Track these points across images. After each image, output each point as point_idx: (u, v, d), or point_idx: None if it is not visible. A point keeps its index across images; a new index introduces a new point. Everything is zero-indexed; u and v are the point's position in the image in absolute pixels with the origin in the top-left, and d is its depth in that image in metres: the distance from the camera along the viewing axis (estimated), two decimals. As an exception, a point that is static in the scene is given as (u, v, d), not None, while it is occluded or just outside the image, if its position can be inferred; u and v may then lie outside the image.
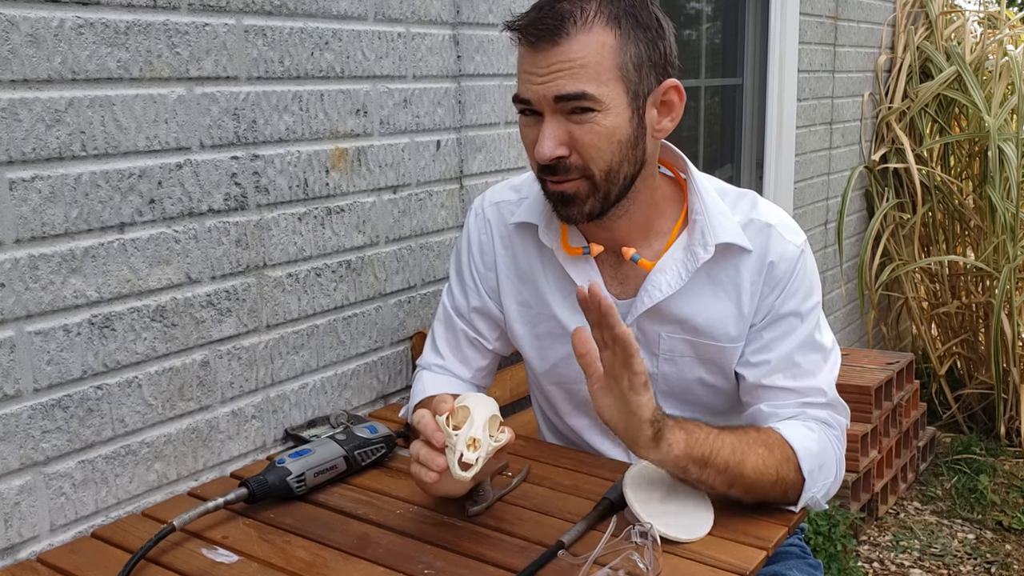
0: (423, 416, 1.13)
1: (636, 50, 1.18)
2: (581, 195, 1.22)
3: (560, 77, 1.16)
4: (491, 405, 1.16)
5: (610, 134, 1.19)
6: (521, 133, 1.26)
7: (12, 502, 1.21)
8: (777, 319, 1.30)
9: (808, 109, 3.39)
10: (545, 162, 1.20)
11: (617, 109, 1.18)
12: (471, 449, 1.07)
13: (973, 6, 4.45)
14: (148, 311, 1.34)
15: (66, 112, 1.22)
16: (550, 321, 1.39)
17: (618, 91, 1.18)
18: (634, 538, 1.05)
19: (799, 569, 1.40)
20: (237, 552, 1.17)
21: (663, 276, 1.30)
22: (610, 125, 1.18)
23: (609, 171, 1.21)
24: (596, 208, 1.24)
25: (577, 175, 1.21)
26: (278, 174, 1.51)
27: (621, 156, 1.21)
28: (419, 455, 1.12)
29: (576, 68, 1.15)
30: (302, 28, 1.52)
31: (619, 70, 1.17)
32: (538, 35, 1.16)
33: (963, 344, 3.87)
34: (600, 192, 1.22)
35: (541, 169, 1.23)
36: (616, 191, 1.23)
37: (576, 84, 1.15)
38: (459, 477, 1.06)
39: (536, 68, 1.17)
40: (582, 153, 1.19)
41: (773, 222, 1.30)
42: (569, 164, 1.20)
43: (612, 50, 1.17)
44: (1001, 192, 3.52)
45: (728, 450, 1.15)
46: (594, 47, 1.16)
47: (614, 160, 1.20)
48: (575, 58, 1.15)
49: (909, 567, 2.78)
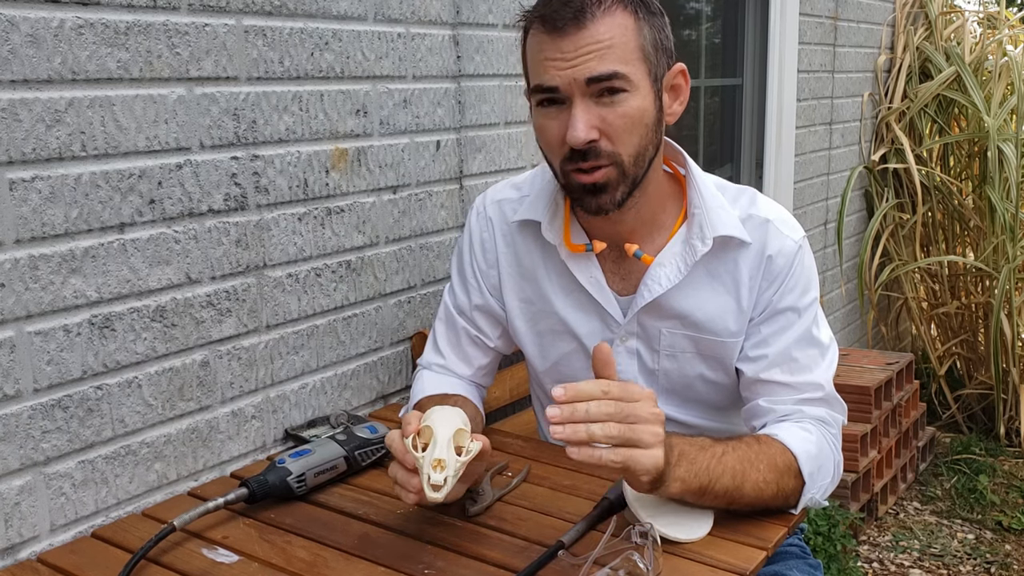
0: (393, 439, 1.13)
1: (652, 33, 1.20)
2: (612, 183, 1.22)
3: (591, 59, 1.16)
4: (455, 419, 1.14)
5: (640, 116, 1.20)
6: (540, 127, 1.25)
7: (12, 502, 1.21)
8: (775, 314, 1.30)
9: (808, 109, 3.39)
10: (579, 146, 1.18)
11: (643, 91, 1.20)
12: (438, 470, 1.07)
13: (973, 6, 4.45)
14: (148, 311, 1.34)
15: (66, 112, 1.22)
16: (551, 318, 1.40)
17: (642, 72, 1.19)
18: (634, 538, 1.05)
19: (799, 569, 1.40)
20: (237, 552, 1.17)
21: (662, 270, 1.30)
22: (639, 106, 1.19)
23: (637, 155, 1.22)
24: (624, 194, 1.24)
25: (607, 161, 1.21)
26: (278, 174, 1.51)
27: (647, 139, 1.22)
28: (396, 477, 1.13)
29: (604, 49, 1.16)
30: (302, 28, 1.52)
31: (641, 51, 1.19)
32: (563, 19, 1.16)
33: (963, 344, 3.87)
34: (628, 178, 1.23)
35: (570, 158, 1.21)
36: (640, 176, 1.24)
37: (607, 64, 1.16)
38: (432, 499, 1.06)
39: (563, 53, 1.17)
40: (612, 137, 1.19)
41: (771, 217, 1.30)
42: (600, 149, 1.20)
43: (634, 32, 1.18)
44: (1001, 192, 3.52)
45: (728, 477, 1.14)
46: (619, 28, 1.17)
47: (641, 144, 1.21)
48: (603, 39, 1.16)
49: (909, 567, 2.78)
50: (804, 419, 1.28)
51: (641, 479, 1.06)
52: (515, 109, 1.99)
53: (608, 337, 1.37)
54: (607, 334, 1.36)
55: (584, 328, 1.37)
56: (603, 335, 1.37)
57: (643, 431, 1.04)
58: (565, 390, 1.02)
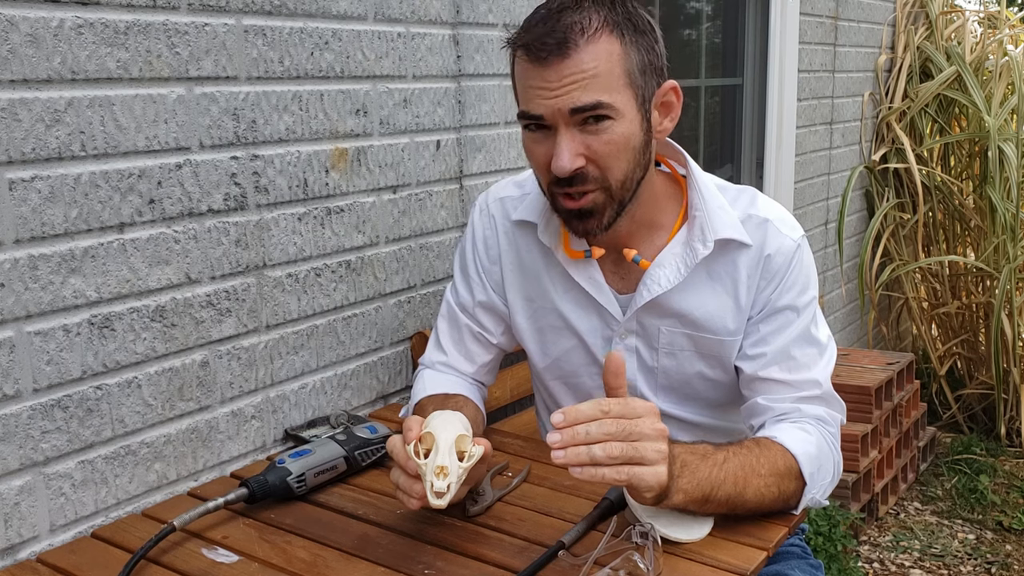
0: (394, 445, 1.12)
1: (639, 56, 1.19)
2: (598, 208, 1.22)
3: (574, 89, 1.15)
4: (456, 424, 1.14)
5: (626, 142, 1.19)
6: (528, 149, 1.25)
7: (12, 502, 1.21)
8: (773, 312, 1.30)
9: (808, 109, 3.39)
10: (565, 175, 1.18)
11: (629, 116, 1.19)
12: (440, 477, 1.07)
13: (973, 6, 4.45)
14: (148, 311, 1.34)
15: (66, 112, 1.22)
16: (552, 315, 1.40)
17: (628, 97, 1.18)
18: (634, 538, 1.05)
19: (800, 569, 1.40)
20: (237, 552, 1.17)
21: (662, 271, 1.30)
22: (625, 132, 1.18)
23: (625, 179, 1.21)
24: (612, 218, 1.24)
25: (594, 186, 1.20)
26: (278, 174, 1.51)
27: (635, 163, 1.21)
28: (398, 483, 1.13)
29: (588, 79, 1.15)
30: (302, 28, 1.52)
31: (627, 77, 1.18)
32: (546, 50, 1.15)
33: (963, 344, 3.87)
34: (615, 201, 1.22)
35: (556, 183, 1.21)
36: (628, 198, 1.24)
37: (590, 94, 1.15)
38: (435, 505, 1.06)
39: (546, 83, 1.16)
40: (600, 163, 1.19)
41: (770, 217, 1.30)
42: (587, 174, 1.19)
43: (620, 58, 1.17)
44: (1001, 192, 3.52)
45: (730, 484, 1.14)
46: (603, 56, 1.15)
47: (629, 168, 1.21)
48: (586, 68, 1.15)
49: (909, 567, 2.78)
50: (803, 418, 1.28)
51: (645, 495, 1.06)
52: (515, 109, 1.98)
53: (607, 335, 1.37)
54: (606, 331, 1.37)
55: (584, 325, 1.38)
56: (603, 332, 1.37)
57: (646, 448, 1.03)
58: (564, 415, 1.01)
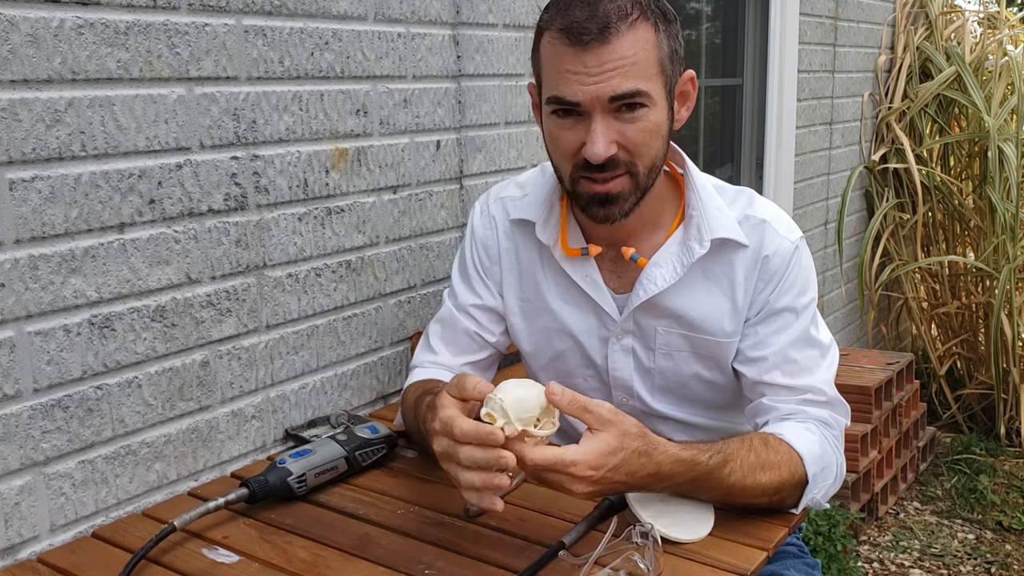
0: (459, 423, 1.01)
1: (668, 44, 1.20)
2: (624, 193, 1.22)
3: (614, 76, 1.15)
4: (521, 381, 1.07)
5: (657, 129, 1.20)
6: (553, 135, 1.23)
7: (12, 502, 1.21)
8: (772, 314, 1.30)
9: (808, 109, 3.39)
10: (599, 162, 1.18)
11: (660, 104, 1.20)
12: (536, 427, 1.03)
13: (973, 6, 4.45)
14: (148, 311, 1.34)
15: (66, 112, 1.22)
16: (547, 315, 1.40)
17: (660, 85, 1.19)
18: (635, 538, 1.05)
19: (796, 568, 1.40)
20: (238, 552, 1.17)
21: (658, 270, 1.31)
22: (657, 120, 1.20)
23: (652, 166, 1.22)
24: (633, 205, 1.24)
25: (623, 170, 1.21)
26: (278, 174, 1.51)
27: (662, 150, 1.23)
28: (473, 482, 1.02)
29: (628, 66, 1.15)
30: (302, 28, 1.52)
31: (660, 65, 1.19)
32: (589, 34, 1.14)
33: (963, 344, 3.87)
34: (640, 187, 1.23)
35: (584, 167, 1.21)
36: (650, 184, 1.25)
37: (631, 82, 1.15)
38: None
39: (585, 68, 1.15)
40: (631, 150, 1.20)
41: (768, 218, 1.30)
42: (617, 160, 1.20)
43: (655, 46, 1.18)
44: (1001, 192, 3.52)
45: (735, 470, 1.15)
46: (642, 43, 1.16)
47: (656, 155, 1.22)
48: (627, 55, 1.15)
49: (909, 567, 2.78)
50: (807, 419, 1.28)
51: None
52: (515, 109, 1.99)
53: (603, 335, 1.37)
54: (603, 331, 1.37)
55: (580, 325, 1.38)
56: (599, 332, 1.37)
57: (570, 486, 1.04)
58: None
